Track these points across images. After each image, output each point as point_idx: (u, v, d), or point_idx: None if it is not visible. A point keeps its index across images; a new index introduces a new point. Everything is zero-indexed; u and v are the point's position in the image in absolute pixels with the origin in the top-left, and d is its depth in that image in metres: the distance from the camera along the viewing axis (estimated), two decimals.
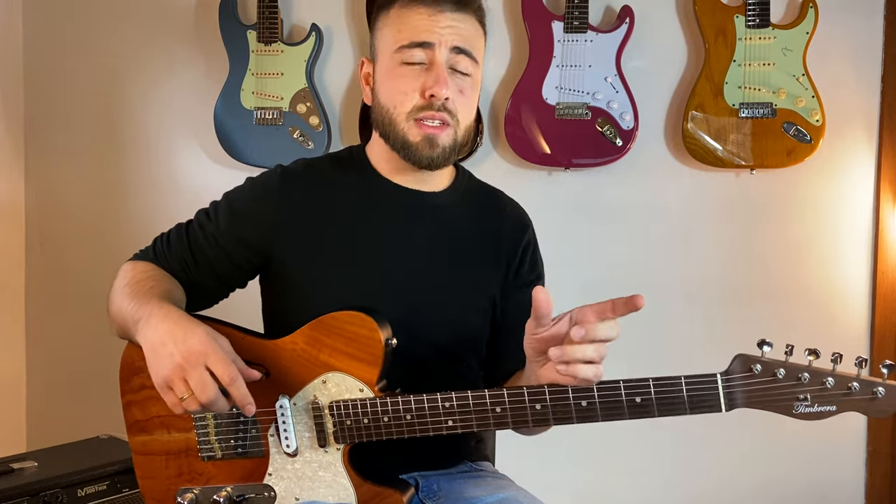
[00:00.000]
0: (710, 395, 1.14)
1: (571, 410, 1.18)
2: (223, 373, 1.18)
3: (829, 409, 1.12)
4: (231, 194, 1.46)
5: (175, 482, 1.35)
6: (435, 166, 1.38)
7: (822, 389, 1.11)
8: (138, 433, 1.37)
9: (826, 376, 1.11)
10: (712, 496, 2.43)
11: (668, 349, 2.41)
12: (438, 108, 1.34)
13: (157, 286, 1.35)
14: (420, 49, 1.34)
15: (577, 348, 1.12)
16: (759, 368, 1.13)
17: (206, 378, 1.17)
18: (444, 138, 1.35)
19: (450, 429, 1.23)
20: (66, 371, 2.74)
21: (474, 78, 1.39)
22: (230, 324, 1.35)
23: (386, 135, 1.39)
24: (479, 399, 1.21)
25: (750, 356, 1.14)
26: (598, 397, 1.17)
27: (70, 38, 2.70)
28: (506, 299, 1.47)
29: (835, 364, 1.12)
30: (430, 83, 1.33)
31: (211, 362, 1.18)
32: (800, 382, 1.12)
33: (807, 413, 1.12)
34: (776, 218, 2.37)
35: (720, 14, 2.26)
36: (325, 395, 1.28)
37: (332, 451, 1.28)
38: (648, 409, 1.16)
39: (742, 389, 1.14)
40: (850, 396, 1.11)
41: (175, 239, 1.44)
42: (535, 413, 1.19)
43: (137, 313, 1.28)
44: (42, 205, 2.76)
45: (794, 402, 1.12)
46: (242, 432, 1.32)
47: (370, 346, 1.27)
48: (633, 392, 1.16)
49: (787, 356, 1.13)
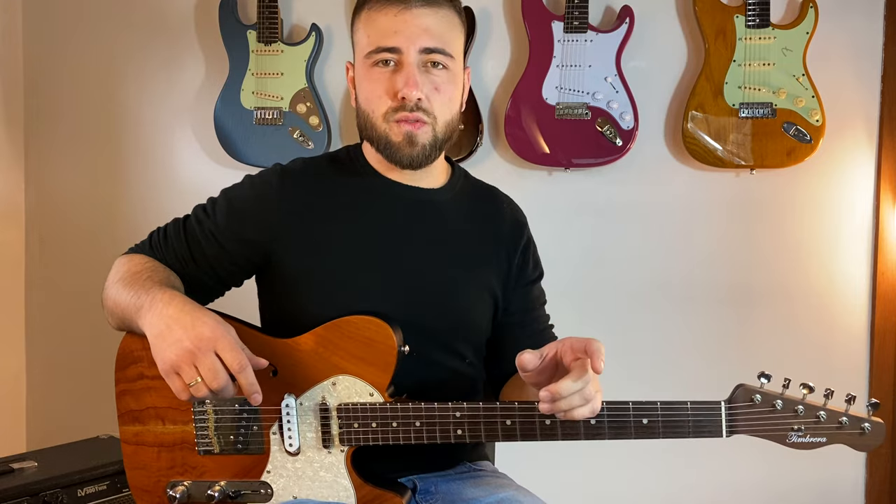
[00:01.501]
0: (712, 422, 1.22)
1: (580, 428, 1.22)
2: (233, 360, 1.18)
3: (820, 441, 1.22)
4: (230, 192, 1.46)
5: (166, 474, 1.35)
6: (416, 164, 1.38)
7: (815, 422, 1.21)
8: (131, 423, 1.36)
9: (819, 410, 1.21)
10: (712, 496, 2.43)
11: (667, 349, 2.41)
12: (412, 109, 1.34)
13: (154, 275, 1.34)
14: (389, 52, 1.34)
15: (562, 403, 1.13)
16: (759, 399, 1.22)
17: (217, 364, 1.18)
18: (422, 136, 1.36)
19: (458, 437, 1.25)
20: (66, 371, 2.74)
21: (452, 70, 1.38)
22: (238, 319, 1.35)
23: (369, 137, 1.40)
24: (489, 410, 1.23)
25: (750, 387, 1.22)
26: (608, 417, 1.21)
27: (70, 38, 2.70)
28: (508, 297, 1.47)
29: (826, 399, 1.22)
30: (400, 85, 1.33)
31: (221, 349, 1.18)
32: (795, 414, 1.21)
33: (799, 443, 1.22)
34: (776, 218, 2.37)
35: (720, 14, 2.26)
36: (333, 396, 1.28)
37: (335, 452, 1.28)
38: (654, 431, 1.22)
39: (743, 418, 1.22)
40: (841, 430, 1.22)
41: (172, 234, 1.43)
42: (543, 428, 1.22)
43: (138, 301, 1.28)
44: (42, 205, 2.76)
45: (790, 432, 1.22)
46: (244, 428, 1.31)
47: (384, 352, 1.27)
48: (640, 413, 1.21)
49: (784, 389, 1.21)
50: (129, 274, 1.35)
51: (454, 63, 1.38)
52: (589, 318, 2.42)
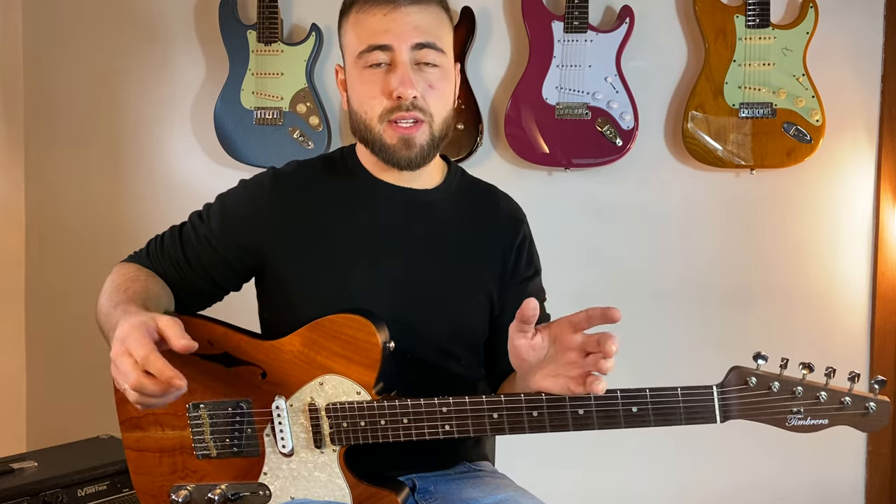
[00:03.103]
0: (705, 407, 1.16)
1: (568, 418, 1.19)
2: (136, 351, 1.11)
3: (822, 423, 1.15)
4: (224, 196, 1.46)
5: (169, 479, 1.35)
6: (415, 166, 1.38)
7: (815, 403, 1.14)
8: (132, 429, 1.37)
9: (819, 390, 1.14)
10: (712, 496, 2.43)
11: (667, 349, 2.41)
12: (408, 108, 1.33)
13: (131, 287, 1.32)
14: (380, 51, 1.34)
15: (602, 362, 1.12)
16: (753, 381, 1.15)
17: (126, 364, 1.12)
18: (419, 137, 1.35)
19: (446, 433, 1.24)
20: (66, 371, 2.74)
21: (444, 67, 1.37)
22: (227, 323, 1.35)
23: (364, 140, 1.40)
24: (476, 405, 1.22)
25: (745, 369, 1.16)
26: (595, 406, 1.18)
27: (70, 38, 2.70)
28: (504, 296, 1.47)
29: (828, 378, 1.15)
30: (395, 84, 1.32)
31: (128, 345, 1.13)
32: (794, 396, 1.15)
33: (799, 426, 1.16)
34: (776, 218, 2.37)
35: (720, 14, 2.26)
36: (321, 396, 1.28)
37: (327, 452, 1.28)
38: (644, 419, 1.18)
39: (737, 402, 1.16)
40: (843, 411, 1.14)
41: (169, 241, 1.44)
42: (531, 420, 1.20)
43: (109, 321, 1.26)
44: (42, 205, 2.76)
45: (788, 414, 1.15)
46: (238, 431, 1.32)
47: (368, 350, 1.27)
48: (629, 402, 1.18)
49: (781, 369, 1.15)
50: (112, 287, 1.34)
51: (445, 59, 1.38)
52: None
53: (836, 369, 1.14)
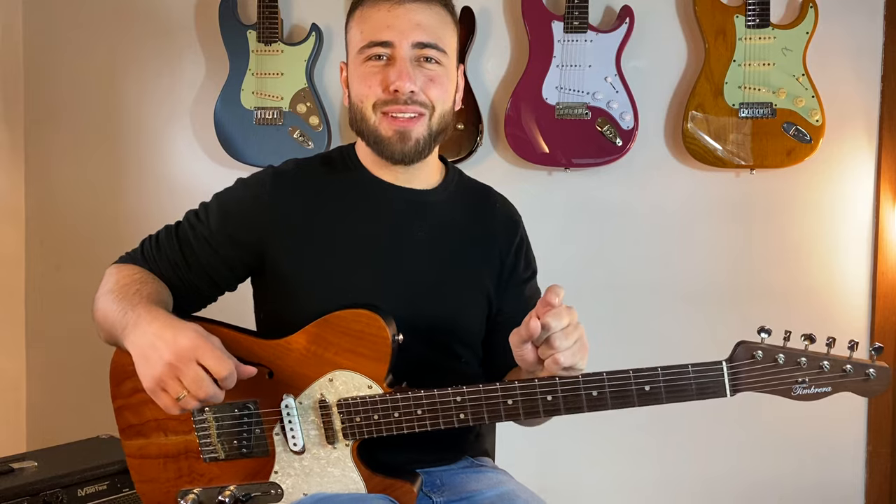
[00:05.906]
0: (715, 382, 1.20)
1: (582, 400, 1.20)
2: (215, 366, 1.17)
3: (825, 391, 1.20)
4: (222, 195, 1.46)
5: (175, 484, 1.35)
6: (409, 160, 1.38)
7: (818, 372, 1.19)
8: (133, 437, 1.36)
9: (822, 360, 1.19)
10: (712, 496, 2.43)
11: (667, 349, 2.41)
12: (406, 102, 1.34)
13: (143, 289, 1.33)
14: (381, 47, 1.35)
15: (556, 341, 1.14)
16: (760, 355, 1.21)
17: (200, 373, 1.17)
18: (417, 130, 1.36)
19: (461, 422, 1.24)
20: (66, 371, 2.74)
21: (445, 67, 1.38)
22: (228, 324, 1.35)
23: (360, 131, 1.40)
24: (490, 392, 1.22)
25: (751, 343, 1.21)
26: (609, 387, 1.20)
27: (70, 38, 2.70)
28: (501, 296, 1.47)
29: (829, 348, 1.19)
30: (393, 77, 1.33)
31: (202, 357, 1.17)
32: (798, 366, 1.19)
33: (804, 395, 1.20)
34: (776, 218, 2.37)
35: (720, 14, 2.26)
36: (332, 392, 1.28)
37: (340, 447, 1.28)
38: (657, 397, 1.20)
39: (745, 375, 1.20)
40: (845, 378, 1.18)
41: (164, 240, 1.43)
42: (546, 404, 1.21)
43: (124, 319, 1.27)
44: (42, 205, 2.76)
45: (794, 384, 1.20)
46: (246, 432, 1.31)
47: (377, 344, 1.27)
48: (642, 381, 1.20)
49: (785, 342, 1.21)
50: (117, 288, 1.34)
51: (447, 59, 1.38)
52: (588, 317, 2.41)
53: (835, 339, 1.19)
